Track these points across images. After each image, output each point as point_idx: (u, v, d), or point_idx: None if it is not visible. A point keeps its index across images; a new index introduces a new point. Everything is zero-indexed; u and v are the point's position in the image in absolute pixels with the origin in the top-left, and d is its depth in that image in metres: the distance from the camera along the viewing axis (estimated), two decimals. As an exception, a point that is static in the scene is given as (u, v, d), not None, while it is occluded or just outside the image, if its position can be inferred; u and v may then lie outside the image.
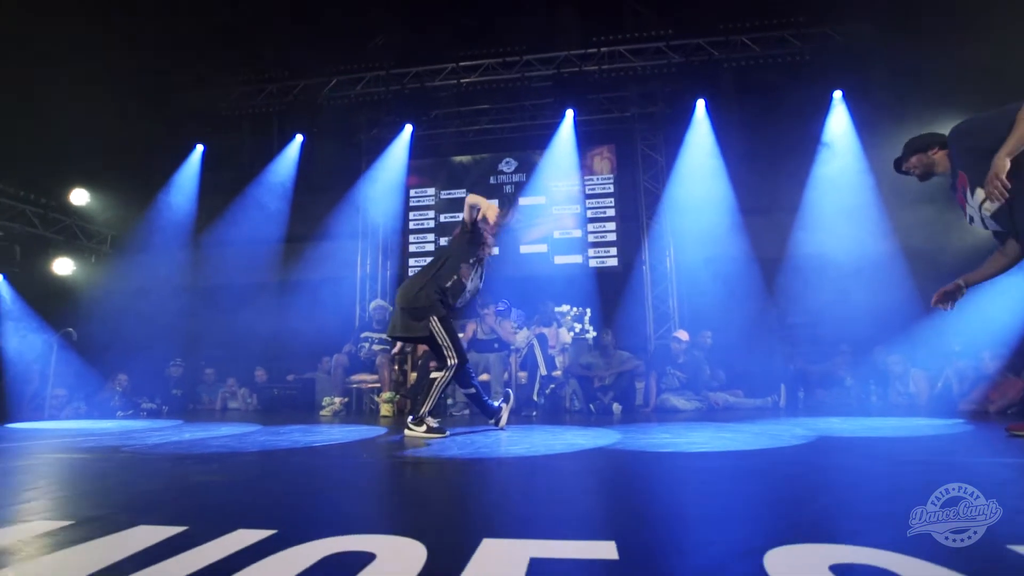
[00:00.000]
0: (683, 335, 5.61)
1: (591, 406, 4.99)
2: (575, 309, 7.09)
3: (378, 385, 5.57)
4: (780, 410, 4.96)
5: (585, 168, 8.25)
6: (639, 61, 7.12)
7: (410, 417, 3.04)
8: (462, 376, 3.18)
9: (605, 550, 0.90)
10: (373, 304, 6.07)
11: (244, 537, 1.00)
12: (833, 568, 0.78)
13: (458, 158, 8.63)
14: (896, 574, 0.75)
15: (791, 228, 6.43)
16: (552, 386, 5.27)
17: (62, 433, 3.64)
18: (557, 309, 6.90)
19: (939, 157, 2.42)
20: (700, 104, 6.97)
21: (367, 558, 0.88)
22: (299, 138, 7.90)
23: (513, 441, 2.71)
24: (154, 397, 6.13)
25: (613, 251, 7.94)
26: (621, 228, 7.96)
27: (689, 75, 6.95)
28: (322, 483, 1.75)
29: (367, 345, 5.80)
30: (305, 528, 1.07)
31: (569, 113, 7.43)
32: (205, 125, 7.67)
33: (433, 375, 3.16)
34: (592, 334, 6.84)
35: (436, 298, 3.07)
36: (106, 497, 1.51)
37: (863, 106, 6.28)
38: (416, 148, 8.52)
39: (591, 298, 7.39)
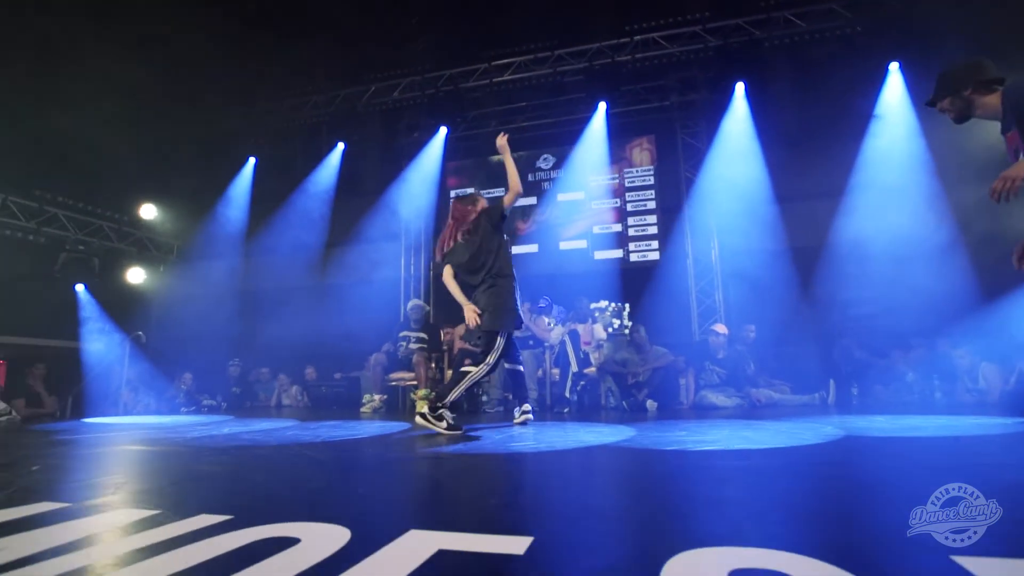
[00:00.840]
0: (722, 329, 5.40)
1: (624, 403, 4.90)
2: (613, 305, 6.97)
3: (415, 383, 5.71)
4: (829, 407, 4.67)
5: (624, 160, 8.09)
6: (675, 47, 6.89)
7: (427, 407, 3.02)
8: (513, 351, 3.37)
9: (517, 545, 0.89)
10: (410, 304, 6.22)
11: (204, 520, 1.06)
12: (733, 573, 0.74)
13: (496, 157, 8.68)
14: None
15: (840, 213, 6.02)
16: (582, 383, 5.21)
17: (117, 427, 3.98)
18: (595, 305, 6.81)
19: (977, 99, 2.18)
20: (739, 88, 6.65)
21: (289, 542, 0.92)
22: (340, 146, 8.20)
23: (524, 437, 2.71)
24: (215, 395, 6.58)
25: (654, 244, 7.74)
26: (663, 220, 7.75)
27: (728, 58, 6.65)
28: (307, 476, 1.82)
29: (404, 344, 5.95)
30: (251, 515, 1.12)
31: (601, 106, 7.30)
32: (257, 138, 8.13)
33: (466, 368, 3.17)
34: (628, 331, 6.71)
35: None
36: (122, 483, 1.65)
37: (921, 78, 5.78)
38: (455, 149, 8.65)
39: (631, 293, 7.24)
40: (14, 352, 6.00)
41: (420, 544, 0.90)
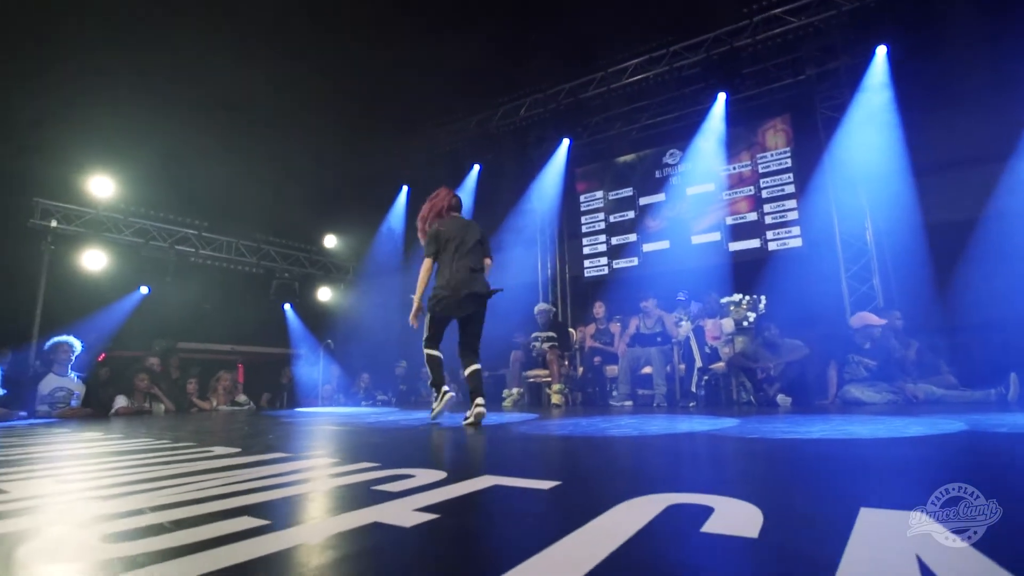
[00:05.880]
0: (870, 317, 4.98)
1: (751, 398, 4.83)
2: (748, 297, 6.73)
3: (549, 379, 6.21)
4: (1009, 404, 4.10)
5: (757, 146, 7.73)
6: (802, 19, 6.46)
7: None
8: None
9: (546, 485, 1.29)
10: (536, 308, 6.73)
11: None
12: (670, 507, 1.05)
13: (622, 158, 8.85)
14: (712, 507, 1.00)
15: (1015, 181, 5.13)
16: (706, 377, 5.22)
17: (318, 414, 5.10)
18: (728, 299, 6.67)
19: None
20: (880, 52, 6.00)
21: (408, 476, 1.42)
22: (476, 167, 9.07)
23: (628, 425, 3.01)
24: (387, 391, 7.81)
25: (795, 231, 7.28)
26: (804, 204, 7.24)
27: (867, 19, 6.05)
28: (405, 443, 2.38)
29: (537, 344, 6.48)
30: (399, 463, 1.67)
31: (721, 96, 7.09)
32: (408, 170, 9.37)
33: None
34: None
35: None
36: (351, 449, 2.37)
37: None
38: (581, 155, 9.01)
39: (771, 283, 6.91)
40: (245, 358, 7.85)
41: (485, 481, 1.34)
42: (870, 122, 6.23)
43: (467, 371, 3.58)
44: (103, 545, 0.86)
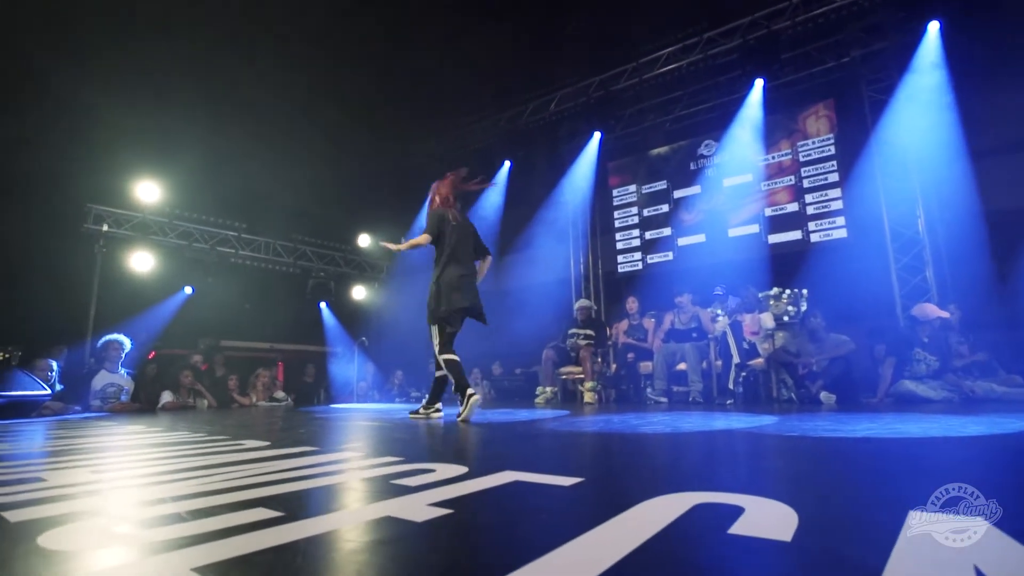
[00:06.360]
0: (931, 309, 4.69)
1: (793, 395, 4.63)
2: (789, 291, 6.47)
3: (583, 376, 6.12)
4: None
5: (797, 133, 7.43)
6: (845, -2, 6.15)
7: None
8: None
9: (567, 481, 1.24)
10: (578, 304, 6.65)
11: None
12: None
13: (655, 151, 8.65)
14: (742, 507, 0.94)
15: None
16: (744, 373, 5.04)
17: (352, 410, 5.18)
18: (766, 293, 6.43)
19: None
20: (933, 28, 5.65)
21: (429, 471, 1.40)
22: (507, 164, 9.03)
23: (661, 422, 2.92)
24: (420, 388, 7.87)
25: (839, 221, 6.96)
26: (849, 193, 6.92)
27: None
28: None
29: (574, 340, 6.40)
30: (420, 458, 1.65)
31: (758, 83, 6.83)
32: (437, 168, 9.41)
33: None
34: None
35: None
36: (383, 444, 2.38)
37: None
38: (613, 149, 8.86)
39: (813, 277, 6.63)
40: (284, 355, 8.07)
41: (506, 477, 1.31)
42: (922, 104, 5.89)
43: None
44: (118, 531, 0.87)
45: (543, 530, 0.88)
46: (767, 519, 0.86)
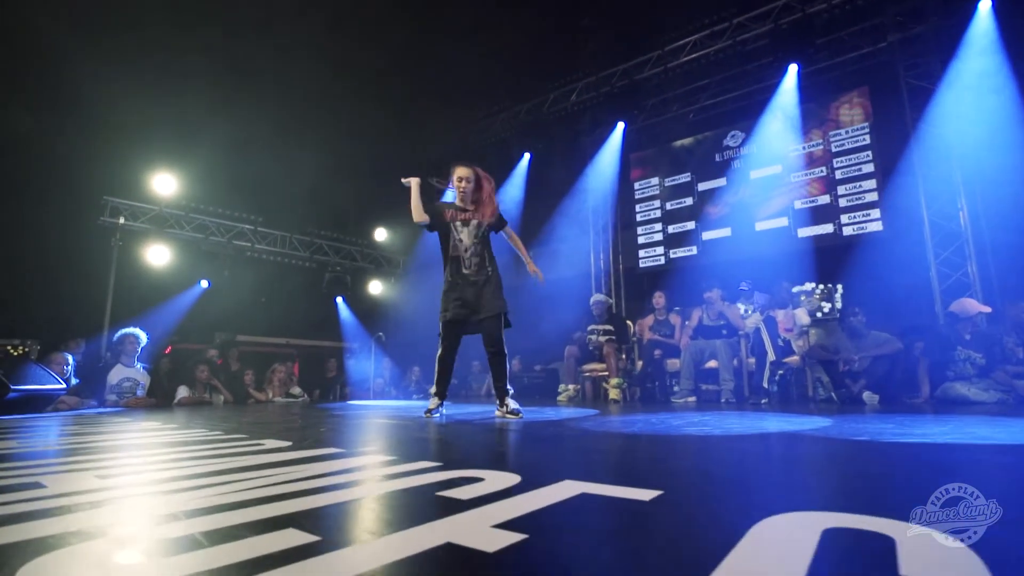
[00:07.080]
0: (971, 304, 4.44)
1: (832, 394, 4.39)
2: (822, 287, 6.22)
3: (606, 373, 5.92)
4: None
5: (830, 122, 7.15)
6: (886, -21, 5.86)
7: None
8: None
9: (646, 495, 1.06)
10: (592, 299, 6.44)
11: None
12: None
13: (679, 142, 8.41)
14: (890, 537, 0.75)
15: None
16: (780, 372, 4.80)
17: (369, 407, 5.04)
18: (799, 288, 6.18)
19: None
20: (984, 7, 5.34)
21: (477, 480, 1.23)
22: (527, 156, 8.83)
23: (703, 423, 2.72)
24: (438, 384, 7.71)
25: (874, 213, 6.68)
26: (884, 184, 6.64)
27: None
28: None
29: (594, 337, 6.20)
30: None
31: (792, 68, 6.55)
32: (456, 160, 9.25)
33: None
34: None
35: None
36: (395, 444, 2.22)
37: None
38: (637, 140, 8.62)
39: (846, 271, 6.38)
40: (300, 350, 7.96)
41: (568, 488, 1.12)
42: (968, 89, 5.59)
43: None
44: (118, 562, 0.70)
45: (659, 565, 0.70)
46: (935, 557, 0.67)
